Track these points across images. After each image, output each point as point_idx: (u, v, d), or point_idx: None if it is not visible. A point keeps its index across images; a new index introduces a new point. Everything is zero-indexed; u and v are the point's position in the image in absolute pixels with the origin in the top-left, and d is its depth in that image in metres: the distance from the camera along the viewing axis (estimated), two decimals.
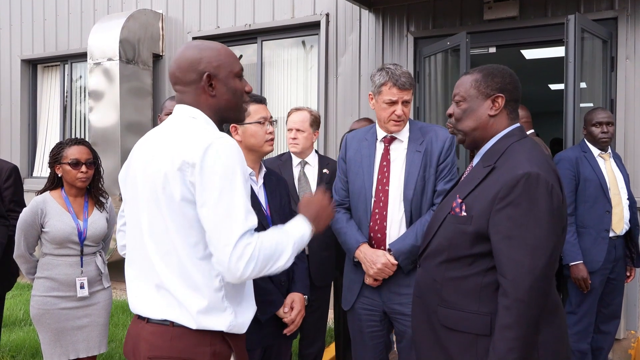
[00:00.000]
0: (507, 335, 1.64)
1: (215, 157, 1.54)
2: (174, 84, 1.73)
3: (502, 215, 1.70)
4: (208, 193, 1.53)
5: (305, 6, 5.69)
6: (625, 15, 4.37)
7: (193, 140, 1.58)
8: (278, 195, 2.51)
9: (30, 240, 2.95)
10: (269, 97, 6.06)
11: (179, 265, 1.59)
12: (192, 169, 1.54)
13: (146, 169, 1.65)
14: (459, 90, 1.95)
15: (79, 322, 2.94)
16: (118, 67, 6.07)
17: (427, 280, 1.92)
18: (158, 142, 1.68)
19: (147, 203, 1.64)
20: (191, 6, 6.36)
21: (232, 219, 1.53)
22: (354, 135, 2.78)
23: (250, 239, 1.54)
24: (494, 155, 1.85)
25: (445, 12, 5.02)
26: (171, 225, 1.59)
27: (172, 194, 1.57)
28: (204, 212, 1.54)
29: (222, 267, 1.54)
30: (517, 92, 1.92)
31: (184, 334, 1.60)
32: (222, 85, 1.71)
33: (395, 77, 2.50)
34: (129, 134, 6.12)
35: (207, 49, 1.71)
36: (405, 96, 2.53)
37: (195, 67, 1.68)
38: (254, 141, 2.39)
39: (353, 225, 2.65)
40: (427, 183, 2.55)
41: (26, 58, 7.60)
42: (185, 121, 1.68)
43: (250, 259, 1.52)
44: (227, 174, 1.54)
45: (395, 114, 2.54)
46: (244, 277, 1.54)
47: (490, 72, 1.91)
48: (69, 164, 2.93)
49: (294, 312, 2.36)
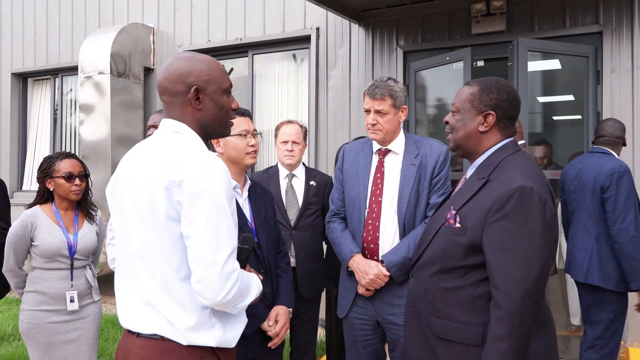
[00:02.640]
0: (499, 346, 1.66)
1: (203, 177, 1.54)
2: (161, 93, 1.71)
3: (496, 227, 1.72)
4: (196, 212, 1.53)
5: (296, 20, 5.74)
6: (610, 30, 4.45)
7: (179, 159, 1.57)
8: (263, 208, 2.51)
9: (20, 254, 2.94)
10: (260, 110, 6.09)
11: (165, 284, 1.59)
12: (178, 187, 1.54)
13: (133, 186, 1.65)
14: (456, 101, 1.97)
15: (69, 336, 2.92)
16: (109, 80, 6.08)
17: (420, 290, 1.94)
18: (144, 159, 1.67)
19: (134, 221, 1.64)
20: (182, 20, 6.40)
21: (219, 240, 1.53)
22: (351, 147, 2.83)
23: (234, 264, 1.57)
24: (488, 167, 1.87)
25: (434, 27, 5.08)
26: (156, 244, 1.59)
27: (158, 213, 1.57)
28: (190, 231, 1.53)
29: (203, 285, 1.53)
30: (512, 109, 1.92)
31: (174, 348, 1.59)
32: (209, 100, 1.70)
33: (371, 88, 2.61)
34: (120, 147, 6.11)
35: (198, 62, 1.69)
36: (377, 105, 2.58)
37: (184, 79, 1.66)
38: (234, 153, 2.40)
39: (348, 235, 2.68)
40: (420, 196, 2.59)
41: (16, 71, 7.59)
42: (170, 137, 1.67)
43: (235, 283, 1.55)
44: (215, 194, 1.54)
45: (368, 122, 2.62)
46: (226, 299, 1.54)
47: (487, 86, 1.92)
48: (62, 177, 2.93)
49: (278, 326, 2.36)
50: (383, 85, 2.59)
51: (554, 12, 4.65)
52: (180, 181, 1.54)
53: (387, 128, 2.60)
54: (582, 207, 3.47)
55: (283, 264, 2.56)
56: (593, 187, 3.37)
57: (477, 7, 4.72)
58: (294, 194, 3.36)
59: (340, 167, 2.80)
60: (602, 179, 3.33)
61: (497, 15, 4.69)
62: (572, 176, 3.58)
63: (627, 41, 4.41)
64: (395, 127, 2.64)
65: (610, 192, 3.28)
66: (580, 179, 3.50)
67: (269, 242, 2.44)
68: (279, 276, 2.51)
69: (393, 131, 2.64)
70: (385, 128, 2.60)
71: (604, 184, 3.31)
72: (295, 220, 3.30)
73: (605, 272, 3.32)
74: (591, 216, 3.40)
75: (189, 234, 1.54)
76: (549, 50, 4.51)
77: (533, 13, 4.71)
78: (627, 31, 4.41)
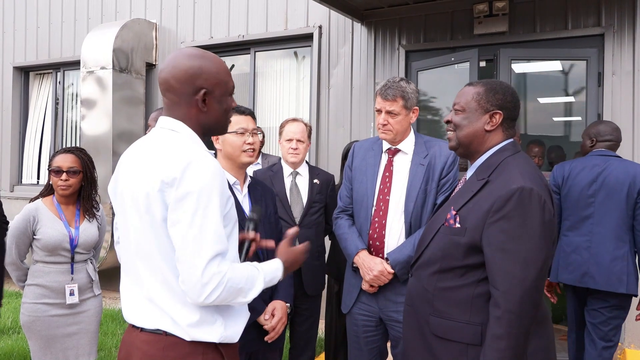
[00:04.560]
0: (498, 345, 1.67)
1: (193, 176, 1.52)
2: (166, 90, 1.67)
3: (496, 228, 1.73)
4: (181, 213, 1.52)
5: (299, 18, 5.75)
6: (611, 32, 4.47)
7: (171, 159, 1.56)
8: (264, 204, 2.53)
9: (22, 248, 2.95)
10: (261, 108, 6.10)
11: (166, 282, 1.60)
12: (169, 188, 1.53)
13: (131, 187, 1.64)
14: (459, 100, 1.98)
15: (69, 330, 2.94)
16: (111, 75, 6.09)
17: (419, 289, 1.95)
18: (141, 159, 1.66)
19: (133, 220, 1.64)
20: (185, 16, 6.41)
21: (202, 243, 1.51)
22: (361, 145, 2.86)
23: (219, 266, 1.53)
24: (487, 168, 1.88)
25: (436, 27, 5.09)
26: (154, 244, 1.59)
27: (154, 215, 1.57)
28: (176, 231, 1.53)
29: (186, 287, 1.53)
30: (515, 110, 1.95)
31: (177, 343, 1.60)
32: (215, 103, 1.68)
33: (383, 89, 2.62)
34: (121, 143, 6.13)
35: (207, 62, 1.67)
36: (389, 106, 2.60)
37: (193, 80, 1.64)
38: (231, 150, 2.44)
39: (354, 232, 2.71)
40: (428, 196, 2.61)
41: (18, 65, 7.59)
42: (165, 135, 1.66)
43: (217, 287, 1.52)
44: (203, 195, 1.52)
45: (379, 122, 2.64)
46: (206, 302, 1.53)
47: (493, 87, 1.94)
48: (52, 171, 2.95)
49: (274, 320, 2.37)
50: (395, 86, 2.60)
51: (556, 14, 4.66)
52: (170, 182, 1.53)
53: (398, 129, 2.62)
54: (610, 213, 3.30)
55: None
56: (628, 192, 3.26)
57: (479, 7, 4.73)
58: (298, 192, 3.37)
59: (350, 165, 2.83)
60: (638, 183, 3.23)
61: (500, 16, 4.71)
62: (590, 179, 3.38)
63: (628, 44, 4.43)
64: (405, 128, 2.66)
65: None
66: (606, 183, 3.32)
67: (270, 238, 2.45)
68: None
69: (403, 132, 2.66)
70: (395, 129, 2.62)
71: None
72: (300, 218, 3.31)
73: (636, 279, 3.23)
74: (625, 223, 3.28)
75: (173, 235, 1.54)
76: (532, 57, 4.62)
77: (535, 14, 4.72)
78: (629, 34, 4.43)
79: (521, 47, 4.76)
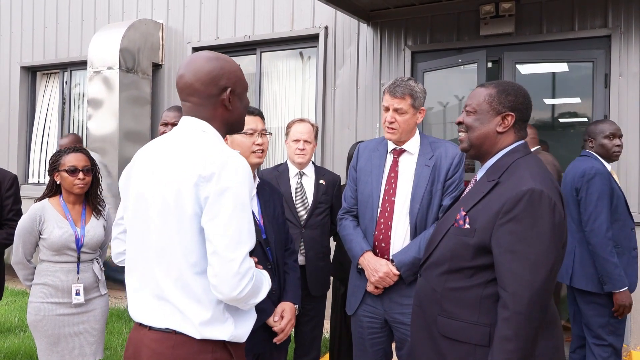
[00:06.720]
0: (506, 347, 1.68)
1: (232, 174, 1.57)
2: (189, 94, 1.71)
3: (505, 229, 1.73)
4: (220, 207, 1.56)
5: (305, 19, 5.76)
6: (618, 33, 4.46)
7: (209, 156, 1.60)
8: (272, 205, 2.53)
9: (29, 247, 2.97)
10: (267, 108, 6.12)
11: (180, 278, 1.62)
12: (207, 183, 1.57)
13: (158, 181, 1.66)
14: (471, 102, 1.98)
15: (76, 329, 2.95)
16: (118, 75, 6.12)
17: (428, 290, 1.95)
18: (169, 155, 1.68)
19: (156, 216, 1.65)
20: (191, 17, 6.43)
21: (240, 238, 1.57)
22: (366, 145, 2.85)
23: (251, 261, 1.60)
24: (498, 170, 1.89)
25: (442, 27, 5.09)
26: (177, 240, 1.61)
27: (184, 209, 1.59)
28: (213, 225, 1.56)
29: (218, 280, 1.56)
30: (527, 112, 1.95)
31: (186, 341, 1.62)
32: (237, 100, 1.76)
33: (392, 86, 2.63)
34: (128, 142, 6.16)
35: (226, 62, 1.74)
36: (397, 104, 2.60)
37: (217, 81, 1.70)
38: (239, 151, 2.43)
39: (359, 233, 2.70)
40: (433, 197, 2.60)
41: (25, 65, 7.63)
42: (196, 135, 1.69)
43: (249, 281, 1.58)
44: (240, 192, 1.58)
45: (386, 119, 2.63)
46: (240, 295, 1.57)
47: (505, 89, 1.94)
48: (66, 171, 2.97)
49: (284, 321, 2.37)
50: (404, 84, 2.61)
51: (563, 15, 4.65)
52: (209, 176, 1.57)
53: (404, 128, 2.62)
54: (570, 213, 3.40)
55: (291, 261, 2.59)
56: (570, 192, 3.34)
57: (485, 8, 4.73)
58: (303, 193, 3.37)
59: (355, 165, 2.82)
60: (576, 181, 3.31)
61: (506, 17, 4.70)
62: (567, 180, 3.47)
63: (635, 45, 4.41)
64: (411, 127, 2.66)
65: (581, 193, 3.26)
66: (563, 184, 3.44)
67: (277, 239, 2.46)
68: (287, 273, 2.53)
69: (409, 131, 2.65)
70: (402, 127, 2.61)
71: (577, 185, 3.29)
72: (305, 218, 3.31)
73: (588, 275, 3.27)
74: (574, 219, 3.35)
75: (210, 229, 1.57)
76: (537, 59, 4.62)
77: (542, 16, 4.71)
78: (636, 35, 4.41)
79: (527, 49, 4.76)
